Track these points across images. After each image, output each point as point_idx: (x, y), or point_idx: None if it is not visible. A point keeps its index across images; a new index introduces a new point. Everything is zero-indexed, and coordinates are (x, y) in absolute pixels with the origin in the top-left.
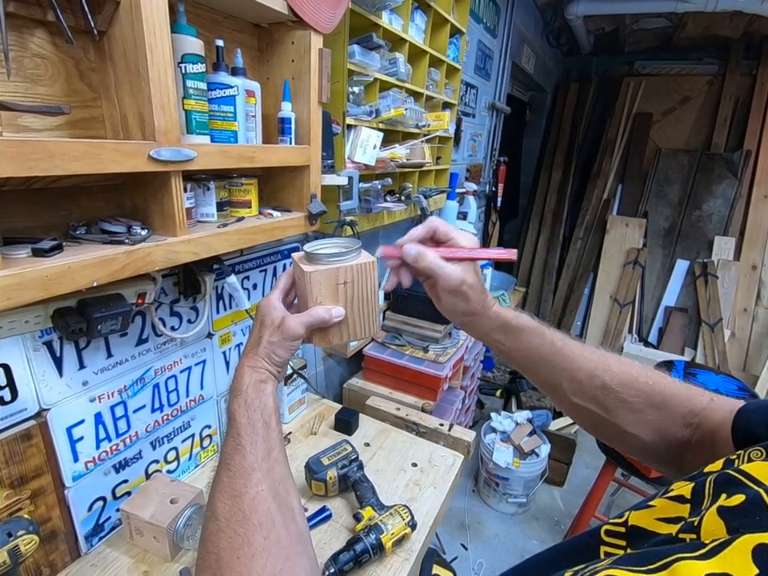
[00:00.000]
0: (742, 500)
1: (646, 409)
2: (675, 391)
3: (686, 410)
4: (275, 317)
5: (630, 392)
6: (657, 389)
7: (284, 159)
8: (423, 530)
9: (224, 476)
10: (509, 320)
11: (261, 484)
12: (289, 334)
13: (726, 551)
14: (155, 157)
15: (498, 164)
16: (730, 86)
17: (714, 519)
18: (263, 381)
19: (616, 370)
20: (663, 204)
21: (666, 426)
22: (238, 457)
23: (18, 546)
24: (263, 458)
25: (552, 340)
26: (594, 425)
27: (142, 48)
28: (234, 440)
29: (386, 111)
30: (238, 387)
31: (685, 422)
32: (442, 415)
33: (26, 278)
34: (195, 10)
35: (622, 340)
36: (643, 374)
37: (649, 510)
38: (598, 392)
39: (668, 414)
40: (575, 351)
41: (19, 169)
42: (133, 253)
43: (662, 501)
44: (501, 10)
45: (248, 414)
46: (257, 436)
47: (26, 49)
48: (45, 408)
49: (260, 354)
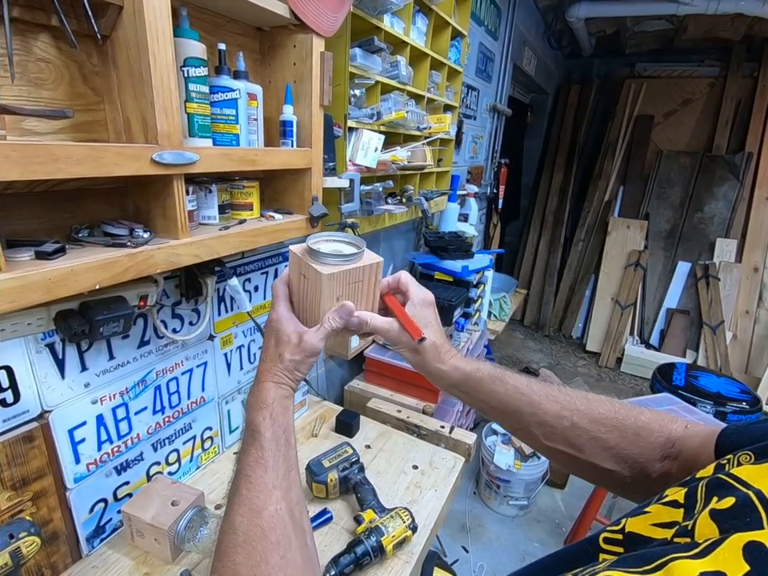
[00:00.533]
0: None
1: (620, 443)
2: (647, 422)
3: (662, 439)
4: (291, 333)
5: (600, 428)
6: (627, 422)
7: (286, 162)
8: (424, 532)
9: (243, 489)
10: (469, 373)
11: (280, 502)
12: (311, 351)
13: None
14: (158, 160)
15: (499, 166)
16: (732, 88)
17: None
18: (287, 397)
19: (583, 409)
20: (665, 206)
21: (645, 459)
22: (259, 470)
23: (20, 548)
24: (283, 476)
25: (516, 387)
26: (572, 466)
27: (145, 52)
28: (257, 452)
29: (388, 114)
30: (262, 399)
31: (663, 453)
32: (442, 417)
33: (29, 280)
34: (197, 13)
35: (623, 342)
36: (611, 410)
37: (644, 516)
38: (567, 432)
39: (644, 446)
40: (540, 394)
41: (23, 172)
42: (135, 255)
43: (657, 507)
44: (502, 12)
45: (273, 428)
46: (279, 453)
47: (30, 53)
48: (47, 410)
49: (284, 371)
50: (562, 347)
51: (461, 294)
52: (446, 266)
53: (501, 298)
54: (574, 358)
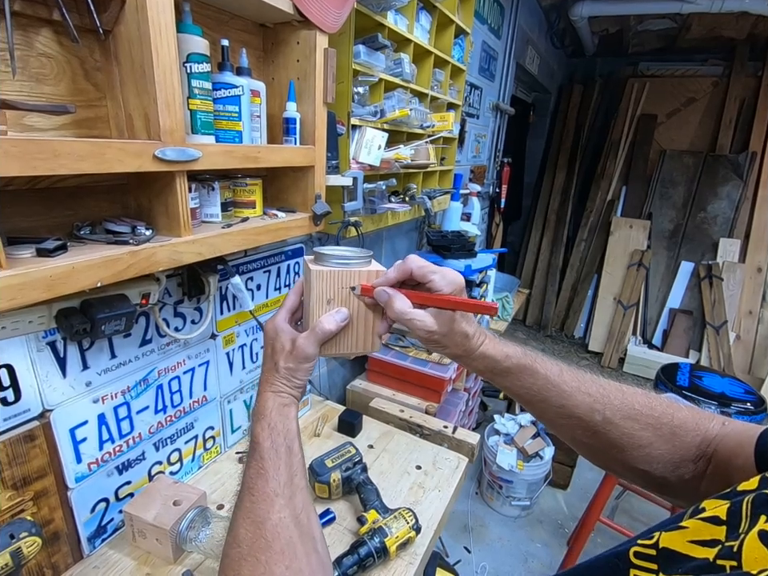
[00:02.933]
0: None
1: (654, 442)
2: (683, 420)
3: (698, 439)
4: (284, 341)
5: (634, 426)
6: (664, 420)
7: (289, 159)
8: (427, 533)
9: (246, 501)
10: (497, 362)
11: (283, 510)
12: (303, 356)
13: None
14: (160, 157)
15: (502, 165)
16: (735, 88)
17: (755, 545)
18: (287, 405)
19: (617, 403)
20: (668, 206)
21: (679, 458)
22: (260, 481)
23: (21, 548)
24: (286, 483)
25: (546, 377)
26: (600, 461)
27: (148, 48)
28: (257, 463)
29: (391, 112)
30: (261, 411)
31: (699, 452)
32: (445, 417)
33: (30, 278)
34: (201, 9)
35: (625, 342)
36: (647, 405)
37: (681, 532)
38: (599, 428)
39: (679, 445)
40: (572, 386)
41: (24, 168)
42: (137, 253)
43: (695, 522)
44: (505, 10)
45: (272, 437)
46: (279, 461)
47: (31, 48)
48: (48, 409)
49: (280, 379)
50: (564, 347)
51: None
52: (448, 265)
53: (503, 297)
54: (577, 358)
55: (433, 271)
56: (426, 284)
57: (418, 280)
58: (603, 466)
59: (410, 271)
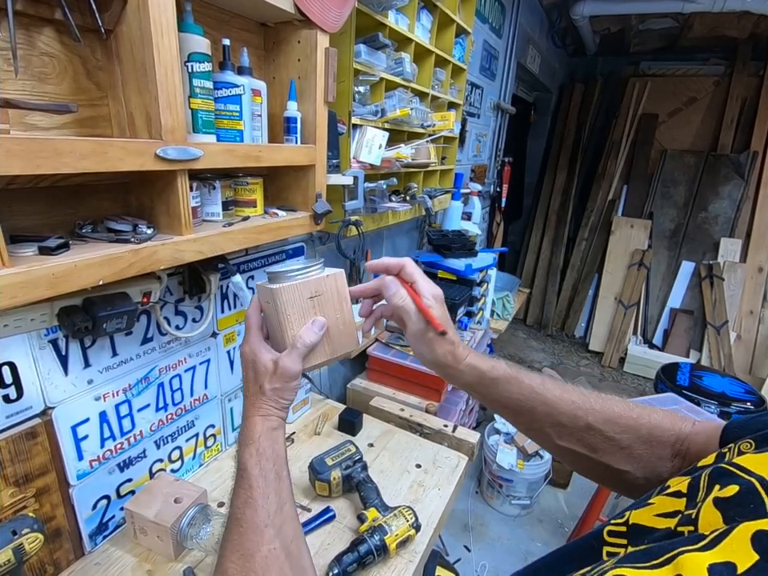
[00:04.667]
0: (736, 490)
1: (634, 444)
2: (659, 421)
3: (673, 438)
4: (266, 362)
5: (615, 429)
6: (641, 421)
7: (289, 158)
8: (427, 531)
9: (234, 533)
10: (484, 372)
11: (273, 542)
12: (289, 375)
13: (726, 541)
14: (162, 155)
15: (503, 164)
16: (737, 87)
17: (710, 510)
18: (275, 428)
19: (598, 408)
20: (669, 205)
21: (657, 458)
22: (249, 511)
23: (23, 545)
24: (275, 512)
25: (531, 386)
26: (584, 467)
27: (149, 47)
28: (246, 492)
29: (392, 111)
30: (249, 436)
31: (674, 451)
32: (445, 416)
33: (32, 276)
34: (202, 8)
35: (626, 341)
36: (626, 409)
37: (648, 508)
38: (582, 433)
39: (657, 445)
40: (555, 394)
41: (27, 167)
42: (139, 251)
43: (660, 498)
44: (506, 10)
45: (260, 464)
46: (269, 488)
47: (33, 47)
48: (50, 406)
49: (268, 402)
50: (564, 347)
51: (464, 292)
52: (449, 264)
53: (504, 296)
54: (577, 358)
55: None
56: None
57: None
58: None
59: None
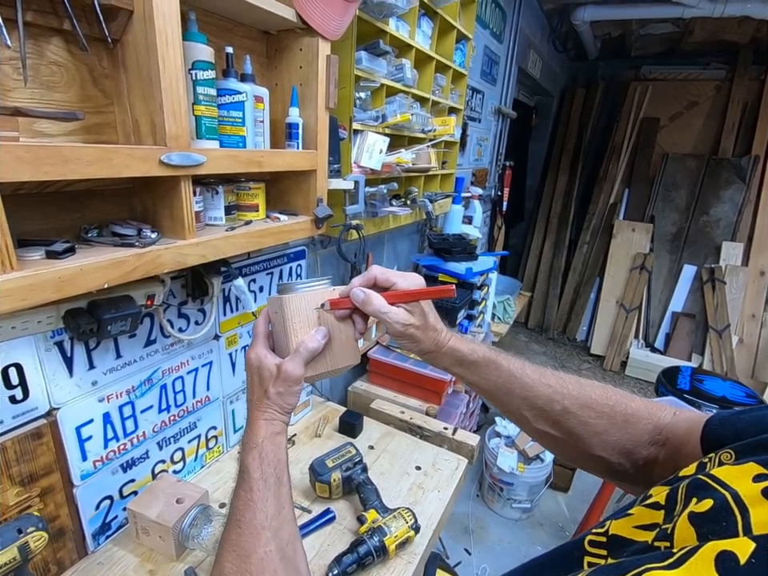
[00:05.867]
0: (710, 505)
1: (609, 429)
2: (636, 409)
3: (650, 426)
4: (270, 367)
5: (590, 414)
6: (618, 409)
7: (291, 164)
8: (427, 533)
9: (233, 533)
10: (465, 355)
11: (269, 544)
12: (292, 380)
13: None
14: (166, 161)
15: (504, 168)
16: (738, 91)
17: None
18: (278, 433)
19: (575, 394)
20: (670, 209)
21: (632, 445)
22: (248, 513)
23: (28, 543)
24: (273, 515)
25: (510, 370)
26: (561, 450)
27: (155, 56)
28: (246, 494)
29: (392, 116)
30: (252, 439)
31: (651, 440)
32: (446, 419)
33: (39, 279)
34: (206, 17)
35: (628, 345)
36: (603, 395)
37: (628, 519)
38: (558, 417)
39: (633, 432)
40: (533, 378)
41: (35, 173)
42: (143, 255)
43: (640, 508)
44: (507, 15)
45: (261, 467)
46: (268, 492)
47: (42, 56)
48: (55, 407)
49: (272, 406)
50: (566, 350)
51: (465, 296)
52: (450, 267)
53: (505, 300)
54: (578, 361)
55: (395, 275)
56: (391, 287)
57: (382, 285)
58: (564, 455)
59: (374, 277)
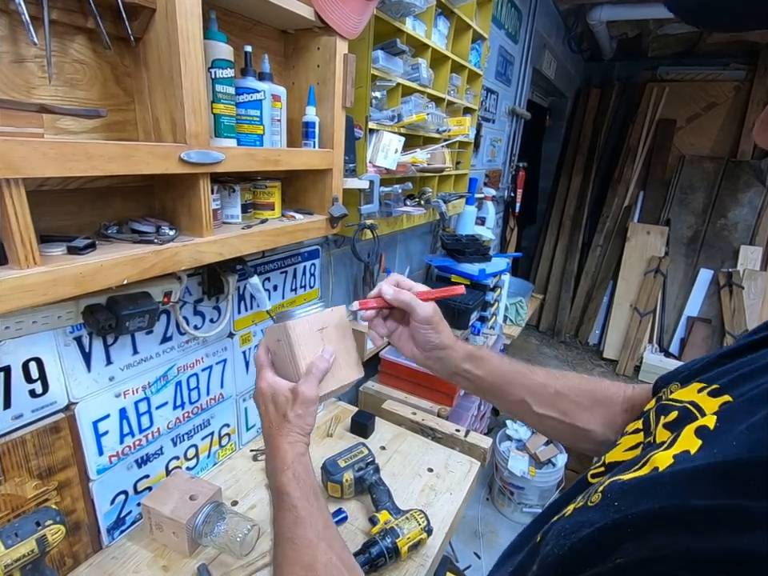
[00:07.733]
0: (676, 415)
1: (593, 406)
2: (608, 386)
3: (620, 398)
4: (285, 392)
5: (577, 393)
6: (597, 388)
7: (307, 162)
8: (439, 535)
9: (289, 550)
10: (473, 350)
11: (329, 552)
12: (310, 401)
13: (679, 439)
14: (185, 159)
15: (517, 169)
16: (758, 92)
17: (663, 432)
18: (302, 454)
19: (562, 380)
20: (686, 212)
21: (612, 415)
22: (300, 529)
23: (46, 536)
24: (323, 527)
25: (508, 362)
26: (559, 431)
27: (176, 54)
28: (292, 513)
29: (408, 116)
30: (282, 462)
31: (623, 408)
32: (457, 421)
33: (61, 274)
34: (226, 17)
35: (641, 350)
36: (582, 381)
37: (618, 447)
38: (552, 399)
39: (610, 404)
40: (524, 369)
41: (60, 169)
42: (161, 252)
43: (624, 438)
44: (522, 15)
45: (300, 487)
46: (312, 508)
47: (66, 54)
48: (73, 402)
49: (294, 429)
50: (578, 353)
51: (477, 297)
52: (462, 269)
53: (517, 302)
54: (591, 365)
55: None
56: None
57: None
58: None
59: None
